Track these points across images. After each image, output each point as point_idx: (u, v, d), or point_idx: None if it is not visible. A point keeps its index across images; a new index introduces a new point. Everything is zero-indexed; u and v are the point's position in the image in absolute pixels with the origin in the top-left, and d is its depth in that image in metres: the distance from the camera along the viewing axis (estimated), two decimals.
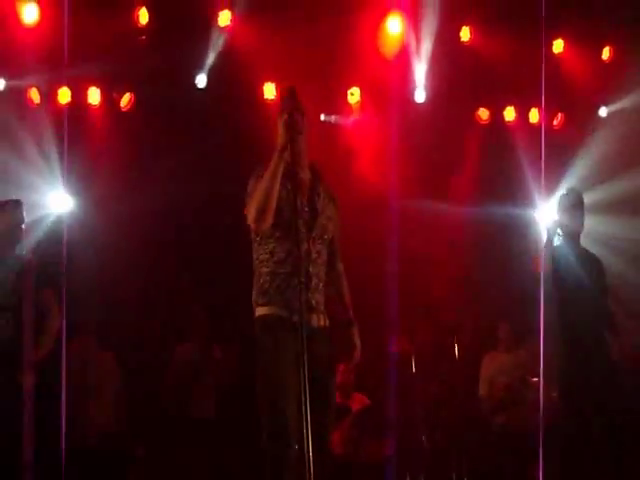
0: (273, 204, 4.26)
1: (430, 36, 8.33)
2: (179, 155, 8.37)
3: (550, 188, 7.92)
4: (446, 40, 8.39)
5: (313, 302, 4.34)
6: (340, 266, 4.67)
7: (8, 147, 7.63)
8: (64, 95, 8.10)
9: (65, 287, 6.92)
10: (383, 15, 8.39)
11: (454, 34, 8.47)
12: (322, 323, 4.42)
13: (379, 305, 8.01)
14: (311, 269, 4.33)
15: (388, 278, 8.13)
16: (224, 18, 8.18)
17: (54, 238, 7.11)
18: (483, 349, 8.33)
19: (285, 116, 4.23)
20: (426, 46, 8.39)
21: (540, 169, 8.06)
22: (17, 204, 6.20)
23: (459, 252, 8.93)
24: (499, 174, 8.73)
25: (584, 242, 6.44)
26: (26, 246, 6.30)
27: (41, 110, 7.99)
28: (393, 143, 8.59)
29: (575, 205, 6.27)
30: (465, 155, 8.96)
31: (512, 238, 8.48)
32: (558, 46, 8.61)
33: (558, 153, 8.38)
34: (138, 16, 7.97)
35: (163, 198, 8.35)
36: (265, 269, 4.38)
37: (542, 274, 6.33)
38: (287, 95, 4.40)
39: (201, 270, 8.42)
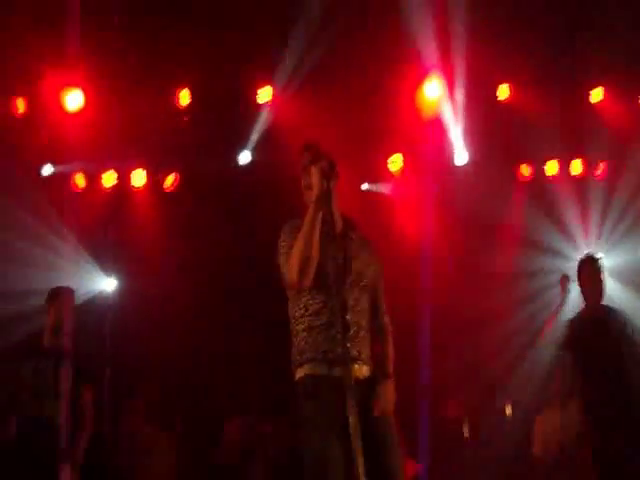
0: (316, 255, 4.05)
1: (468, 96, 8.33)
2: (224, 233, 8.50)
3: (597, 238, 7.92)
4: (484, 99, 8.39)
5: (354, 352, 4.04)
6: (385, 318, 4.37)
7: (54, 233, 7.74)
8: (109, 179, 8.28)
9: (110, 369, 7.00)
10: (420, 79, 8.43)
11: (491, 92, 8.48)
12: (368, 374, 4.12)
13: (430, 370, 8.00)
14: (349, 317, 4.02)
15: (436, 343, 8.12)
16: (264, 95, 8.29)
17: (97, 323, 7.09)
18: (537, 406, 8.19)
19: (323, 163, 4.06)
20: (464, 107, 8.38)
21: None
22: (70, 293, 6.20)
23: (507, 310, 8.86)
24: (544, 229, 8.70)
25: None
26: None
27: (86, 194, 8.14)
28: (436, 207, 8.61)
29: (595, 272, 6.35)
30: (509, 213, 8.92)
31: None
32: (597, 95, 8.50)
33: (603, 204, 8.37)
34: (179, 97, 8.11)
35: (210, 273, 8.46)
36: (301, 326, 4.15)
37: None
38: (309, 147, 4.24)
39: (249, 343, 8.42)
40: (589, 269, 6.39)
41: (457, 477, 7.73)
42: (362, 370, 4.10)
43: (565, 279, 6.75)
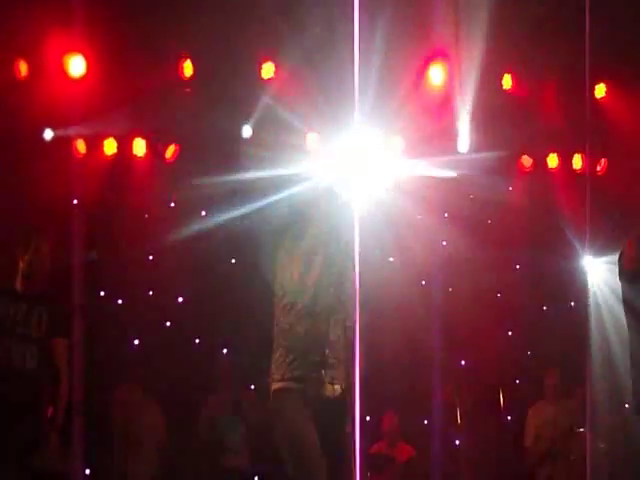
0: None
1: (472, 85, 8.28)
2: (224, 205, 8.47)
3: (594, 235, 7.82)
4: (488, 88, 8.35)
5: (327, 378, 4.20)
6: None
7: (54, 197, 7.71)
8: (110, 146, 8.27)
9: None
10: (425, 65, 8.39)
11: (496, 82, 8.43)
12: (339, 394, 4.27)
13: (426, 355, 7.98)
14: (327, 351, 4.18)
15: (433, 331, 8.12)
16: (267, 70, 8.28)
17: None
18: (530, 399, 8.16)
19: None
20: (468, 94, 8.33)
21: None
22: (43, 234, 5.98)
23: (506, 303, 8.83)
24: (543, 222, 8.66)
25: None
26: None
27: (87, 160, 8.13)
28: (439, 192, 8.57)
29: None
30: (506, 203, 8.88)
31: (560, 287, 8.42)
32: (600, 91, 8.56)
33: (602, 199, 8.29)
34: (183, 68, 8.09)
35: (206, 248, 8.45)
36: (283, 342, 4.25)
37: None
38: None
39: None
40: None
41: (448, 462, 7.70)
42: (334, 390, 4.23)
43: None
